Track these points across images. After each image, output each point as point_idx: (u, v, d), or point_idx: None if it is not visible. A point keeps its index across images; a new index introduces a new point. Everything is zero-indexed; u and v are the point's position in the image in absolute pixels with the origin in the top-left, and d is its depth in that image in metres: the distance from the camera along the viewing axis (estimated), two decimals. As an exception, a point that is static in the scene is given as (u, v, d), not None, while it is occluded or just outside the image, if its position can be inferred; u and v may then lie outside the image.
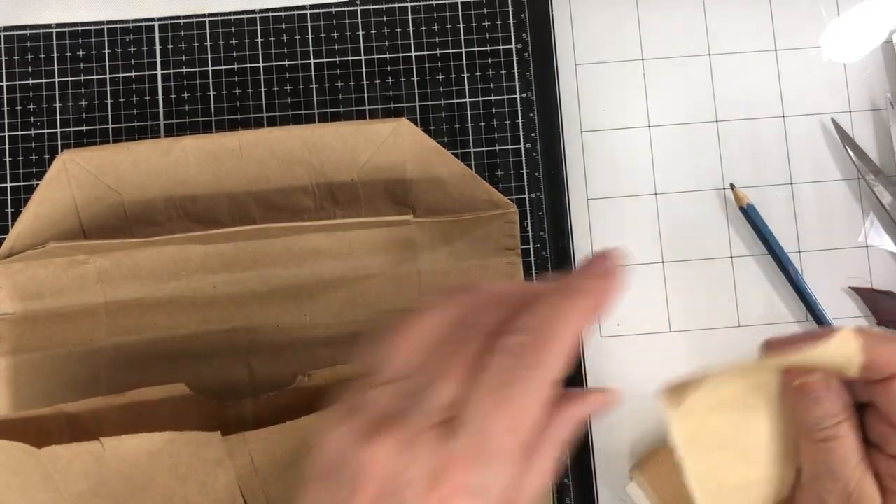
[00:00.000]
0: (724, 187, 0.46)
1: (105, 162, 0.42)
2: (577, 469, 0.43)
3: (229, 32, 0.46)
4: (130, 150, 0.42)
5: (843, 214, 0.46)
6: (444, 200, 0.43)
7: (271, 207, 0.43)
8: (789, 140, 0.46)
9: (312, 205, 0.43)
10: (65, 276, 0.42)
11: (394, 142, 0.42)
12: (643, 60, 0.47)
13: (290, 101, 0.46)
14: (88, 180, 0.42)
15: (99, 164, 0.42)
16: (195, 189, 0.42)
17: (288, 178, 0.43)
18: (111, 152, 0.42)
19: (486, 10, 0.46)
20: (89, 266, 0.42)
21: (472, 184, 0.43)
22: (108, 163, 0.42)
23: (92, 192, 0.42)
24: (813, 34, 0.47)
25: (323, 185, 0.43)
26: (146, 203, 0.42)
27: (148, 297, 0.43)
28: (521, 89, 0.46)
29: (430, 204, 0.43)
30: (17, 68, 0.46)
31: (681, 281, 0.45)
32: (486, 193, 0.43)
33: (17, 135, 0.46)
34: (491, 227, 0.43)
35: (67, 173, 0.42)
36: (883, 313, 0.45)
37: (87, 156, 0.42)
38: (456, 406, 0.26)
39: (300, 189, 0.43)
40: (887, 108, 0.46)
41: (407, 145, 0.42)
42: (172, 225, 0.43)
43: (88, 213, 0.42)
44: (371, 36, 0.46)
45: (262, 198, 0.43)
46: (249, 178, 0.42)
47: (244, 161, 0.42)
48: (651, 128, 0.46)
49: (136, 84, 0.46)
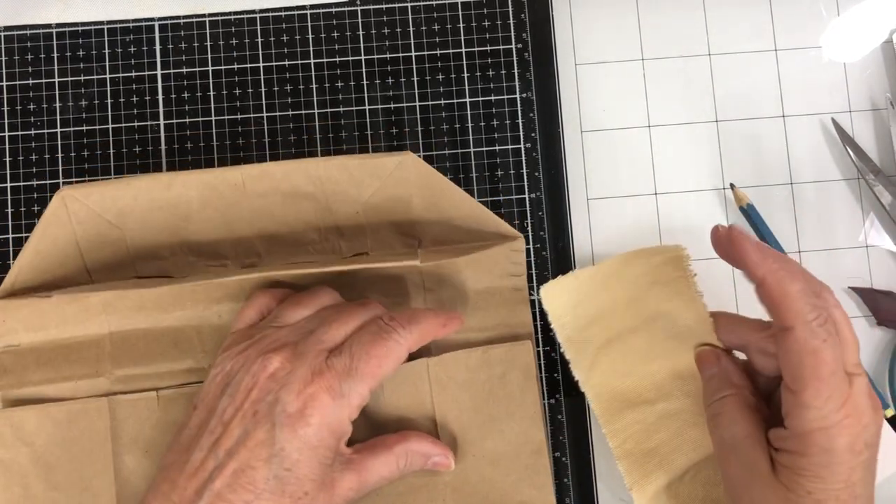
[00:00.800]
0: (724, 187, 0.46)
1: (105, 198, 0.41)
2: (578, 469, 0.43)
3: (229, 32, 0.46)
4: (130, 185, 0.41)
5: (843, 214, 0.46)
6: (451, 232, 0.43)
7: (275, 241, 0.43)
8: (789, 140, 0.46)
9: (317, 237, 0.43)
10: (69, 309, 0.42)
11: (399, 175, 0.42)
12: (643, 60, 0.47)
13: (290, 101, 0.46)
14: (89, 216, 0.42)
15: (99, 200, 0.41)
16: (198, 224, 0.42)
17: (292, 212, 0.42)
18: (111, 188, 0.41)
19: (486, 10, 0.46)
20: (93, 299, 0.42)
21: (479, 215, 0.42)
22: (109, 198, 0.41)
23: (93, 229, 0.42)
24: (813, 34, 0.47)
25: (328, 218, 0.43)
26: (149, 238, 0.42)
27: (153, 327, 0.42)
28: (521, 89, 0.46)
29: (437, 236, 0.43)
30: (17, 68, 0.46)
31: (681, 281, 0.45)
32: (493, 225, 0.42)
33: (17, 135, 0.46)
34: (498, 256, 0.42)
35: (67, 210, 0.41)
36: (883, 313, 0.45)
37: (86, 192, 0.41)
38: (339, 344, 0.37)
39: (304, 222, 0.42)
40: (887, 108, 0.46)
41: (413, 178, 0.42)
42: (176, 259, 0.43)
43: (90, 249, 0.42)
44: (371, 36, 0.46)
45: (266, 231, 0.42)
46: (253, 213, 0.42)
47: (247, 195, 0.42)
48: (651, 128, 0.46)
49: (136, 84, 0.46)
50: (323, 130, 0.46)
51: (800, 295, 0.32)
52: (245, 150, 0.45)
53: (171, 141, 0.45)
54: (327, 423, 0.35)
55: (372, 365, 0.36)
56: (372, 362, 0.36)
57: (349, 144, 0.45)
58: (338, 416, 0.35)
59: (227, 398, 0.36)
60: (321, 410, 0.35)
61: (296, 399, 0.35)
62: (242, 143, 0.45)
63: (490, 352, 0.42)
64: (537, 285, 0.44)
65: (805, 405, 0.31)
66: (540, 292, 0.40)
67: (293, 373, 0.35)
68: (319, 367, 0.36)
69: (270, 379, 0.35)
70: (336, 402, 0.35)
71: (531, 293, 0.44)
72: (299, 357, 0.36)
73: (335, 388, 0.35)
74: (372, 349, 0.36)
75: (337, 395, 0.35)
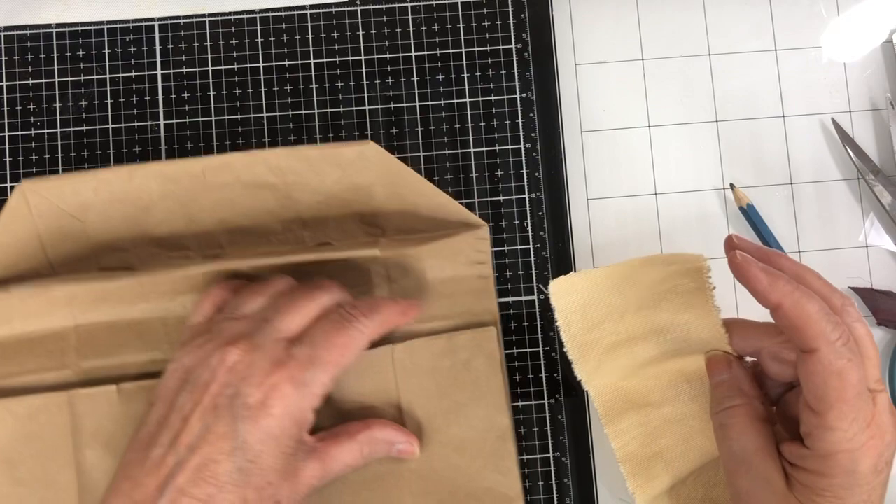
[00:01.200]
0: (724, 187, 0.46)
1: (66, 191, 0.41)
2: (578, 469, 0.43)
3: (229, 32, 0.46)
4: (91, 177, 0.42)
5: (843, 214, 0.46)
6: (415, 221, 0.43)
7: (237, 231, 0.43)
8: (789, 140, 0.46)
9: (280, 228, 0.43)
10: (33, 302, 0.41)
11: (361, 164, 0.42)
12: (643, 60, 0.47)
13: (290, 101, 0.46)
14: (50, 209, 0.42)
15: (59, 194, 0.41)
16: (159, 215, 0.42)
17: (254, 203, 0.42)
18: (71, 181, 0.42)
19: (486, 10, 0.46)
20: (57, 292, 0.41)
21: (442, 203, 0.42)
22: (70, 191, 0.42)
23: (55, 222, 0.42)
24: (813, 34, 0.47)
25: (290, 208, 0.43)
26: (111, 231, 0.42)
27: (119, 319, 0.42)
28: (521, 89, 0.46)
29: (400, 225, 0.43)
30: (17, 68, 0.46)
31: (681, 281, 0.45)
32: (456, 213, 0.42)
33: (17, 135, 0.46)
34: (461, 245, 0.42)
35: (28, 204, 0.41)
36: (883, 313, 0.45)
37: (47, 185, 0.41)
38: (299, 333, 0.37)
39: (266, 212, 0.42)
40: (887, 108, 0.46)
41: (374, 168, 0.42)
42: (139, 251, 0.42)
43: (52, 243, 0.42)
44: (371, 36, 0.46)
45: (228, 221, 0.42)
46: (214, 203, 0.42)
47: (208, 186, 0.42)
48: (651, 128, 0.46)
49: (136, 84, 0.46)
50: (323, 130, 0.46)
51: (820, 315, 0.31)
52: (245, 150, 0.45)
53: (171, 141, 0.45)
54: (290, 412, 0.35)
55: (334, 354, 0.36)
56: (334, 351, 0.36)
57: (349, 144, 0.45)
58: (300, 405, 0.35)
59: (186, 393, 0.35)
60: (283, 401, 0.35)
61: (257, 390, 0.35)
62: (242, 144, 0.45)
63: (455, 338, 0.42)
64: (537, 285, 0.44)
65: (830, 427, 0.31)
66: (549, 288, 0.39)
67: (253, 364, 0.35)
68: (280, 358, 0.36)
69: (229, 372, 0.35)
70: (298, 391, 0.35)
71: (536, 291, 0.44)
72: (258, 348, 0.36)
73: (297, 377, 0.35)
74: (334, 338, 0.36)
75: (299, 384, 0.35)
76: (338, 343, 0.37)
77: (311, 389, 0.36)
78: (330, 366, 0.36)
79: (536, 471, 0.43)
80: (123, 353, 0.42)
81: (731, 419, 0.34)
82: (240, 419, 0.34)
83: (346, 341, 0.37)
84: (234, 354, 0.36)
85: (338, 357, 0.36)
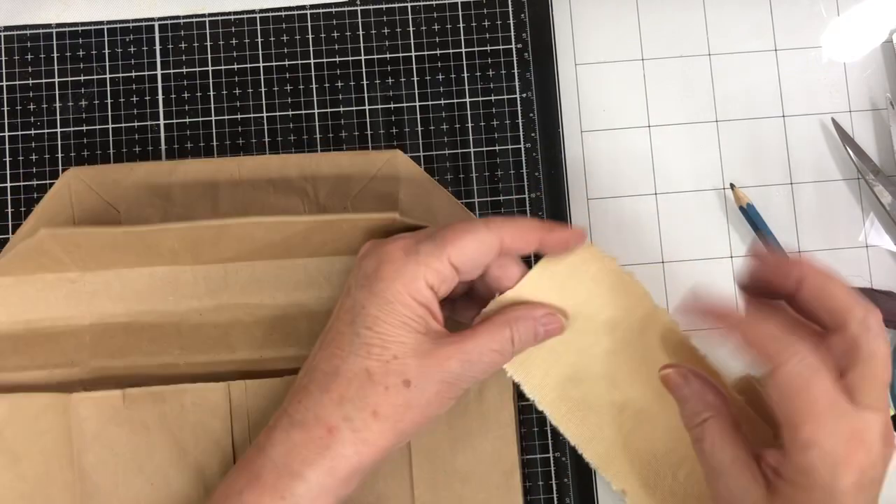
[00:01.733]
0: (724, 187, 0.46)
1: (107, 180, 0.42)
2: (577, 469, 0.43)
3: (229, 32, 0.46)
4: (133, 169, 0.43)
5: (843, 214, 0.46)
6: None
7: None
8: (789, 140, 0.46)
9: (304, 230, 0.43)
10: (53, 296, 0.42)
11: (388, 171, 0.43)
12: (643, 60, 0.47)
13: (290, 101, 0.46)
14: (89, 196, 0.42)
15: (101, 182, 0.42)
16: (191, 210, 0.43)
17: (282, 205, 0.43)
18: (114, 171, 0.43)
19: (486, 10, 0.46)
20: (78, 286, 0.42)
21: (462, 217, 0.43)
22: (111, 181, 0.42)
23: (91, 209, 0.42)
24: (813, 34, 0.47)
25: (315, 213, 0.43)
26: (143, 222, 0.42)
27: (134, 321, 0.42)
28: (521, 89, 0.46)
29: None
30: (17, 68, 0.46)
31: (681, 280, 0.45)
32: None
33: (17, 135, 0.46)
34: None
35: (70, 189, 0.42)
36: (883, 313, 0.44)
37: (91, 173, 0.43)
38: None
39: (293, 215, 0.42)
40: (887, 108, 0.46)
41: (401, 176, 0.43)
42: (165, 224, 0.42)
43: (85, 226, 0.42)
44: (371, 36, 0.46)
45: None
46: (245, 205, 0.43)
47: (241, 186, 0.43)
48: (651, 128, 0.46)
49: (136, 84, 0.46)
50: (323, 130, 0.46)
51: (773, 335, 0.31)
52: (245, 150, 0.45)
53: (171, 141, 0.45)
54: (399, 276, 0.34)
55: (450, 235, 0.34)
56: (450, 233, 0.35)
57: (349, 144, 0.45)
58: (411, 273, 0.34)
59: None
60: (392, 265, 0.34)
61: (373, 260, 0.35)
62: (242, 143, 0.45)
63: None
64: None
65: (803, 442, 0.30)
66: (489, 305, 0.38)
67: (382, 245, 0.36)
68: (402, 236, 0.36)
69: (364, 254, 0.36)
70: (408, 257, 0.34)
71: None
72: (393, 236, 0.36)
73: (409, 246, 0.35)
74: (458, 225, 0.35)
75: (410, 252, 0.34)
76: (458, 228, 0.35)
77: (422, 258, 0.34)
78: (446, 244, 0.34)
79: (536, 471, 0.43)
80: (135, 355, 0.42)
81: (703, 433, 0.34)
82: (357, 287, 0.35)
83: (467, 228, 0.35)
84: (368, 244, 0.37)
85: (453, 238, 0.34)
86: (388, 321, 0.34)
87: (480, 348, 0.35)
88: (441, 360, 0.34)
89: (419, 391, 0.34)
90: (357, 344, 0.34)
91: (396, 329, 0.34)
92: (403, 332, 0.34)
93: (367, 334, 0.34)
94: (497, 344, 0.35)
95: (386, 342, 0.34)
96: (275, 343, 0.42)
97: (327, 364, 0.34)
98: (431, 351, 0.34)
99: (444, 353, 0.34)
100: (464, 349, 0.34)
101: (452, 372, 0.34)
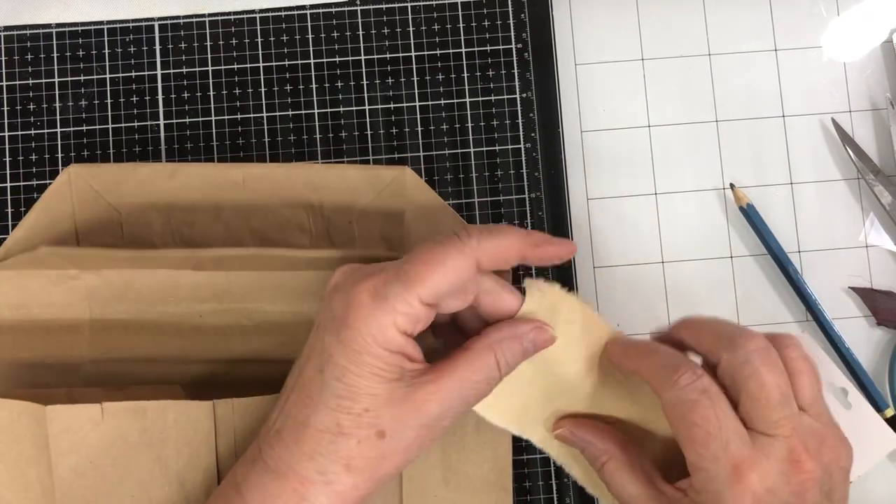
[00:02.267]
0: (724, 187, 0.46)
1: (109, 180, 0.42)
2: (577, 469, 0.43)
3: (229, 32, 0.46)
4: (136, 170, 0.42)
5: (843, 214, 0.46)
6: None
7: (266, 242, 0.43)
8: (789, 140, 0.46)
9: (308, 243, 0.43)
10: (54, 290, 0.41)
11: (395, 188, 0.42)
12: (643, 60, 0.47)
13: (290, 101, 0.46)
14: (90, 196, 0.42)
15: (103, 182, 0.42)
16: (194, 216, 0.42)
17: (287, 215, 0.42)
18: (116, 171, 0.42)
19: (486, 10, 0.46)
20: (79, 282, 0.42)
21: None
22: (113, 181, 0.42)
23: (92, 209, 0.42)
24: (813, 34, 0.47)
25: (320, 226, 0.43)
26: (144, 225, 0.42)
27: (134, 319, 0.42)
28: (521, 89, 0.46)
29: None
30: (17, 68, 0.46)
31: (681, 281, 0.45)
32: None
33: (17, 135, 0.46)
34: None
35: (71, 187, 0.42)
36: (883, 313, 0.45)
37: (93, 172, 0.42)
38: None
39: (297, 227, 0.43)
40: (887, 108, 0.46)
41: (408, 193, 0.42)
42: (167, 249, 0.42)
43: (86, 229, 0.42)
44: (371, 36, 0.46)
45: (259, 231, 0.42)
46: (249, 212, 0.42)
47: (246, 194, 0.42)
48: (651, 128, 0.46)
49: (136, 84, 0.46)
50: (323, 130, 0.46)
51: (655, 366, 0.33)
52: (245, 150, 0.45)
53: (171, 141, 0.45)
54: (367, 325, 0.31)
55: (421, 269, 0.32)
56: (421, 267, 0.32)
57: (349, 144, 0.45)
58: (379, 321, 0.31)
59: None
60: (360, 311, 0.31)
61: (341, 302, 0.32)
62: (242, 143, 0.45)
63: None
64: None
65: (691, 465, 0.32)
66: None
67: (348, 278, 0.33)
68: (372, 271, 0.32)
69: (332, 289, 0.34)
70: (376, 303, 0.31)
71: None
72: (360, 267, 0.34)
73: (377, 289, 0.32)
74: (429, 253, 0.32)
75: (378, 297, 0.31)
76: (430, 259, 0.32)
77: (392, 304, 0.31)
78: (416, 282, 0.31)
79: (536, 471, 0.43)
80: (133, 354, 0.42)
81: (606, 476, 0.36)
82: (326, 332, 0.32)
83: (440, 258, 0.32)
84: (339, 273, 0.34)
85: (425, 273, 0.31)
86: (357, 373, 0.31)
87: (462, 383, 0.33)
88: (418, 405, 0.32)
89: (395, 440, 0.32)
90: (327, 395, 0.32)
91: (366, 381, 0.31)
92: (374, 382, 0.32)
93: (336, 386, 0.32)
94: (481, 374, 0.33)
95: (356, 395, 0.32)
96: (273, 349, 0.42)
97: (299, 412, 0.32)
98: (407, 396, 0.32)
99: (421, 397, 0.32)
100: (443, 388, 0.32)
101: (431, 415, 0.32)
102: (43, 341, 0.42)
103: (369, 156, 0.45)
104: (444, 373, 0.32)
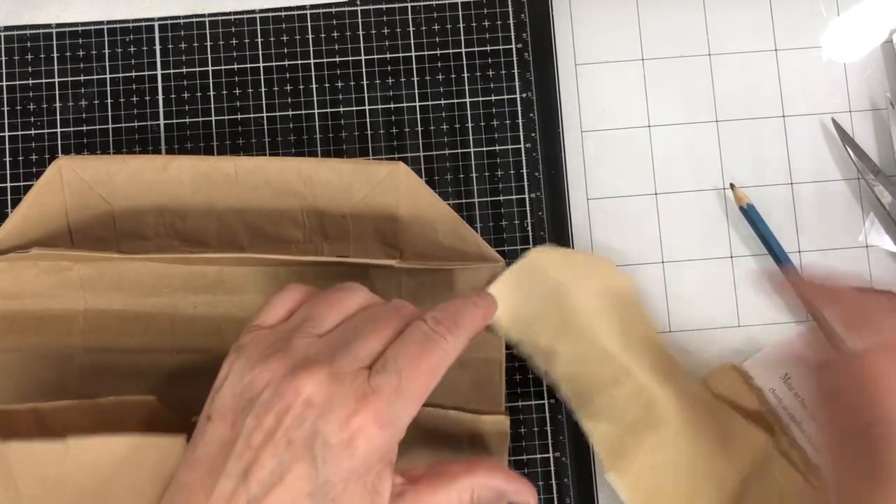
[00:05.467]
0: (724, 187, 0.46)
1: (100, 172, 0.42)
2: (577, 469, 0.43)
3: (229, 32, 0.46)
4: (127, 162, 0.42)
5: (843, 214, 0.46)
6: (433, 248, 0.42)
7: (260, 235, 0.43)
8: (789, 140, 0.46)
9: (301, 237, 0.43)
10: (47, 280, 0.42)
11: (389, 184, 0.42)
12: (643, 60, 0.47)
13: (290, 101, 0.46)
14: (81, 188, 0.42)
15: (94, 174, 0.42)
16: (186, 208, 0.42)
17: (280, 208, 0.42)
18: (107, 163, 0.42)
19: (486, 10, 0.46)
20: (72, 273, 0.42)
21: (462, 234, 0.42)
22: (104, 173, 0.42)
23: (83, 201, 0.42)
24: (813, 34, 0.47)
25: (314, 219, 0.42)
26: (136, 217, 0.42)
27: (128, 309, 0.42)
28: (521, 89, 0.46)
29: (419, 249, 0.42)
30: (17, 68, 0.46)
31: (681, 281, 0.45)
32: (475, 245, 0.42)
33: (16, 135, 0.46)
34: (478, 278, 0.42)
35: (62, 178, 0.41)
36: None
37: (83, 164, 0.41)
38: (378, 357, 0.32)
39: (290, 220, 0.42)
40: (887, 108, 0.46)
41: (402, 188, 0.42)
42: (160, 241, 0.42)
43: (77, 221, 0.42)
44: (371, 36, 0.46)
45: (252, 224, 0.42)
46: (241, 204, 0.42)
47: (238, 186, 0.42)
48: (651, 128, 0.46)
49: (136, 84, 0.46)
50: (323, 130, 0.46)
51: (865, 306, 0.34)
52: (245, 150, 0.45)
53: (171, 141, 0.46)
54: (375, 450, 0.31)
55: (421, 383, 0.32)
56: (421, 380, 0.32)
57: (349, 144, 0.45)
58: (387, 443, 0.31)
59: (252, 419, 0.31)
60: (369, 442, 0.30)
61: (339, 431, 0.30)
62: (242, 143, 0.45)
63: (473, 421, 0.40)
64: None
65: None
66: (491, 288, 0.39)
67: (332, 399, 0.31)
68: (363, 391, 0.31)
69: (305, 405, 0.31)
70: (384, 430, 0.31)
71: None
72: (337, 380, 0.31)
73: (383, 415, 0.31)
74: (420, 363, 0.32)
75: (385, 423, 0.31)
76: (425, 370, 0.32)
77: (398, 425, 0.31)
78: (417, 397, 0.32)
79: (536, 471, 0.43)
80: (127, 344, 0.42)
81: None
82: (321, 460, 0.30)
83: (433, 366, 0.32)
84: (311, 385, 0.31)
85: (425, 386, 0.32)
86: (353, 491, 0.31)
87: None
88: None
89: None
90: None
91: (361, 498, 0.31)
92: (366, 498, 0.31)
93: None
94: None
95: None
96: None
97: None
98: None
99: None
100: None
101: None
102: (36, 332, 0.42)
103: (369, 155, 0.45)
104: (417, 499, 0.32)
